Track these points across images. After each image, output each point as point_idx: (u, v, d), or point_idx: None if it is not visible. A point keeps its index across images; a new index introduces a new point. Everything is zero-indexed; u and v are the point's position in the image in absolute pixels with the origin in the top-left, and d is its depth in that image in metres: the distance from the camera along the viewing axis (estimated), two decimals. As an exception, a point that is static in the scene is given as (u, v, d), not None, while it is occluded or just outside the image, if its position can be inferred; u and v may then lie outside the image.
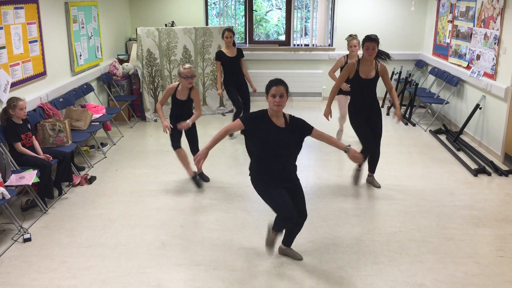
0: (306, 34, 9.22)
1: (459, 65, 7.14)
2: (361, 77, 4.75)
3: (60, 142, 5.17)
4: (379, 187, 5.11)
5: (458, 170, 5.65)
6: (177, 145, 5.07)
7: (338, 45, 8.71)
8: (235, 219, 4.44)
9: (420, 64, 8.70)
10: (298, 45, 9.03)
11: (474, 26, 6.67)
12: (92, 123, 6.01)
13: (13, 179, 4.26)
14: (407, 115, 7.68)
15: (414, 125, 7.44)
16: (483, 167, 5.58)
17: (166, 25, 8.42)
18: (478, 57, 6.51)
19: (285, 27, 9.22)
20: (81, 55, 6.62)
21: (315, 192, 5.04)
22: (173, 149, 5.10)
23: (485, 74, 6.29)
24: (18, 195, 4.70)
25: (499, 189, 5.15)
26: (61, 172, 4.93)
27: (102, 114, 6.40)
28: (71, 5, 6.30)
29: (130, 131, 7.33)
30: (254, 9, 9.40)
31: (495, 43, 6.05)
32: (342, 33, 8.17)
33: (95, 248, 3.95)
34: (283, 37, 9.64)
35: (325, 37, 9.04)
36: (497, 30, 5.99)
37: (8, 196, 3.99)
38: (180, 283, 3.49)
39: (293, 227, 3.59)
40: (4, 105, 4.63)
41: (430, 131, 7.11)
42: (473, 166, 5.69)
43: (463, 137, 6.72)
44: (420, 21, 8.75)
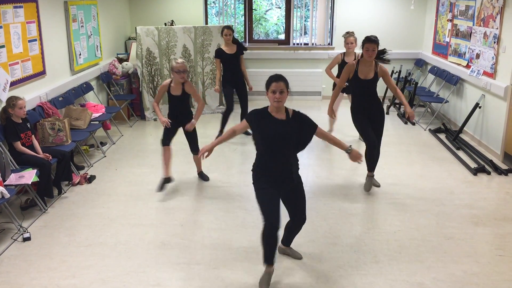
0: (305, 33, 9.22)
1: (458, 64, 7.14)
2: (359, 77, 4.74)
3: (60, 141, 5.16)
4: (378, 186, 5.11)
5: (458, 169, 5.65)
6: (166, 142, 4.99)
7: (338, 44, 8.69)
8: (235, 219, 4.45)
9: (420, 63, 8.70)
10: (298, 44, 9.02)
11: (473, 25, 6.66)
12: (92, 122, 6.01)
13: (13, 178, 4.25)
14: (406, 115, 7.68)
15: (413, 124, 7.45)
16: (482, 166, 5.58)
17: (165, 24, 8.42)
18: (478, 56, 6.51)
19: (284, 26, 9.22)
20: (80, 54, 6.62)
21: (314, 191, 5.04)
22: (161, 145, 5.01)
23: (485, 73, 6.29)
24: (18, 194, 4.70)
25: (498, 188, 5.16)
26: (60, 171, 4.93)
27: (101, 113, 6.40)
28: (71, 4, 6.29)
29: (130, 130, 7.32)
30: (253, 8, 9.40)
31: (494, 42, 6.05)
32: (341, 32, 8.10)
33: (95, 247, 3.95)
34: (282, 36, 9.63)
35: (324, 36, 9.04)
36: (497, 29, 5.99)
37: (7, 195, 3.99)
38: (179, 282, 3.50)
39: (292, 227, 3.58)
40: (4, 104, 4.63)
41: (430, 130, 7.11)
42: (472, 165, 5.69)
43: (462, 136, 6.72)
44: (420, 20, 8.74)
